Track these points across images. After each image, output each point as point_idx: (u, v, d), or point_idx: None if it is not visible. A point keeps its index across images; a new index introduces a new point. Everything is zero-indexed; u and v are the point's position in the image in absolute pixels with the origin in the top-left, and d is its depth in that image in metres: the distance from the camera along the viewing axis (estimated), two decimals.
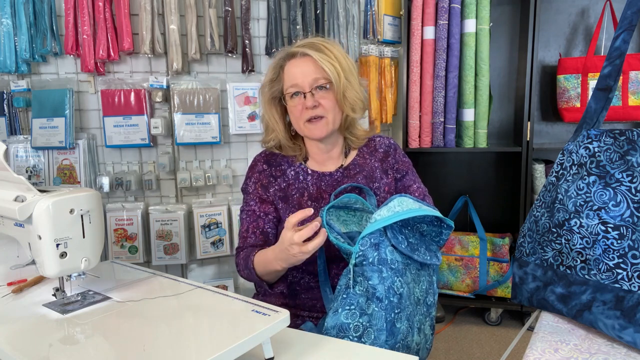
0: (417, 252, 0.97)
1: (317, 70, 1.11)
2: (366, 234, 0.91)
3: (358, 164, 1.21)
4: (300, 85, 1.12)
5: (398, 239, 0.94)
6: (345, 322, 0.90)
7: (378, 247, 0.91)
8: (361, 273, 0.91)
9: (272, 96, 1.19)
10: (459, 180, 2.53)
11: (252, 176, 1.22)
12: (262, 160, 1.23)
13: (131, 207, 1.93)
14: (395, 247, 0.93)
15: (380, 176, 1.20)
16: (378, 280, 0.90)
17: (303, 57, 1.13)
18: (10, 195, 0.90)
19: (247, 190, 1.22)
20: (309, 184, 1.18)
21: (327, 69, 1.09)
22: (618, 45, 0.83)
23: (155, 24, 1.87)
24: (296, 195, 1.17)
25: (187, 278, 1.71)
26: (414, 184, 1.22)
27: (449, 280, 2.30)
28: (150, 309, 0.86)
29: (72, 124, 1.84)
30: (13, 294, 0.98)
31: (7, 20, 1.78)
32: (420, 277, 1.00)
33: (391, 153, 1.23)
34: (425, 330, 1.02)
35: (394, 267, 0.92)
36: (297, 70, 1.12)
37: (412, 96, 2.16)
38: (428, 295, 1.02)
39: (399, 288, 0.92)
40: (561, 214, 0.85)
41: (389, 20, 2.20)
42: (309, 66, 1.12)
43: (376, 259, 0.91)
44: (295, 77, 1.12)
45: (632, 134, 0.79)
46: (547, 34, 2.34)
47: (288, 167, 1.20)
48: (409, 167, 1.24)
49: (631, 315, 0.75)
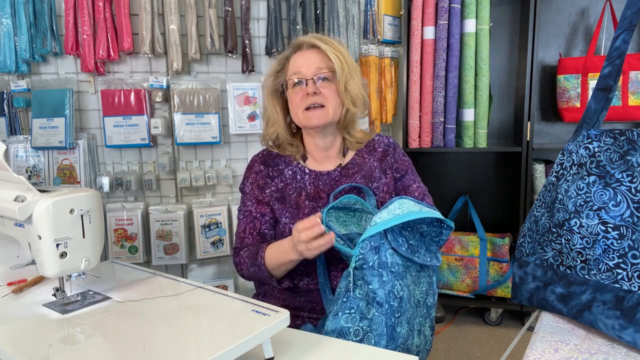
0: (417, 254, 0.97)
1: (321, 61, 1.14)
2: (366, 237, 0.91)
3: (356, 163, 1.20)
4: (303, 73, 1.14)
5: (398, 241, 0.93)
6: (345, 326, 0.90)
7: (378, 251, 0.91)
8: (361, 277, 0.91)
9: (275, 88, 1.21)
10: (459, 180, 2.53)
11: (250, 177, 1.22)
12: (259, 161, 1.23)
13: (131, 207, 1.93)
14: (395, 250, 0.92)
15: (379, 176, 1.19)
16: (378, 284, 0.90)
17: (309, 48, 1.16)
18: (10, 195, 0.90)
19: (244, 191, 1.22)
20: (306, 184, 1.18)
21: (332, 58, 1.12)
22: (618, 45, 0.83)
23: (155, 24, 1.87)
24: (294, 195, 1.17)
25: (187, 278, 1.71)
26: (414, 184, 1.21)
27: (449, 280, 2.30)
28: (150, 309, 0.86)
29: (72, 124, 1.84)
30: (13, 294, 0.98)
31: (7, 20, 1.78)
32: (420, 278, 0.99)
33: (390, 152, 1.23)
34: (425, 331, 1.02)
35: (394, 271, 0.91)
36: (302, 60, 1.15)
37: (412, 96, 2.16)
38: (428, 296, 1.02)
39: (399, 291, 0.92)
40: (561, 214, 0.85)
41: (389, 20, 2.20)
42: (314, 57, 1.15)
43: (376, 262, 0.90)
44: (299, 66, 1.15)
45: (632, 134, 0.79)
46: (547, 34, 2.34)
47: (285, 167, 1.20)
48: (408, 167, 1.23)
49: (631, 315, 0.75)
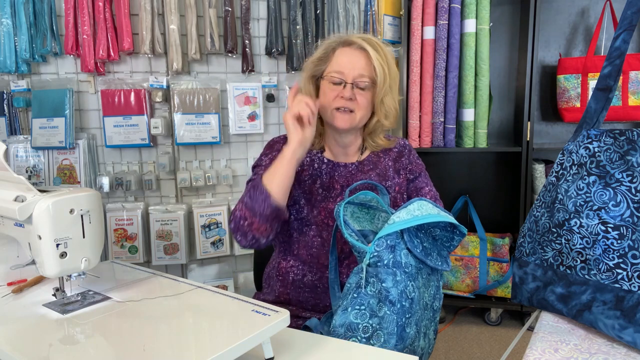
0: (430, 256, 0.96)
1: (366, 67, 1.11)
2: (383, 235, 0.91)
3: (372, 160, 1.21)
4: (345, 75, 1.11)
5: (414, 242, 0.93)
6: (354, 322, 0.90)
7: (394, 250, 0.90)
8: (375, 274, 0.90)
9: (313, 74, 1.18)
10: (459, 180, 2.53)
11: (270, 154, 1.20)
12: (282, 142, 1.21)
13: (131, 207, 1.93)
14: (410, 250, 0.92)
15: (393, 175, 1.20)
16: (392, 283, 0.89)
17: (357, 49, 1.13)
18: (10, 195, 0.90)
19: (259, 164, 1.19)
20: (322, 172, 1.18)
21: (377, 68, 1.10)
22: (618, 45, 0.83)
23: (155, 24, 1.87)
24: (308, 182, 1.17)
25: (187, 278, 1.71)
26: (426, 187, 1.22)
27: (449, 280, 2.30)
28: (150, 309, 0.86)
29: (72, 124, 1.84)
30: (13, 294, 0.98)
31: (7, 20, 1.78)
32: (430, 282, 0.99)
33: (405, 154, 1.24)
34: (430, 335, 1.02)
35: (408, 271, 0.91)
36: (347, 60, 1.12)
37: (412, 96, 2.16)
38: (435, 300, 1.02)
39: (411, 292, 0.91)
40: (561, 214, 0.85)
41: (389, 20, 2.20)
42: (360, 60, 1.12)
43: (391, 261, 0.90)
44: (343, 65, 1.12)
45: (632, 134, 0.79)
46: (547, 34, 2.34)
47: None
48: (422, 170, 1.24)
49: (631, 315, 0.75)
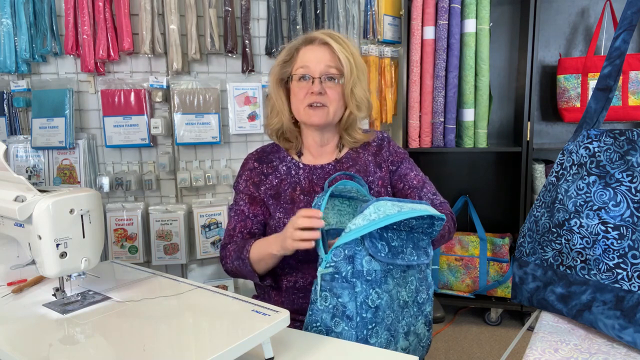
0: (401, 254, 0.93)
1: (331, 60, 1.12)
2: (340, 245, 0.87)
3: (351, 157, 1.21)
4: (311, 70, 1.12)
5: (377, 247, 0.89)
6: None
7: (353, 260, 0.87)
8: (329, 289, 0.87)
9: (281, 77, 1.19)
10: (459, 180, 2.53)
11: (244, 174, 1.22)
12: (253, 158, 1.23)
13: (131, 207, 1.93)
14: (373, 256, 0.89)
15: (374, 170, 1.19)
16: (349, 297, 0.87)
17: (321, 45, 1.14)
18: (10, 195, 0.90)
19: (238, 189, 1.22)
20: (301, 178, 1.18)
21: (343, 60, 1.10)
22: (618, 45, 0.83)
23: (155, 24, 1.87)
24: (289, 190, 1.17)
25: (187, 278, 1.71)
26: (411, 172, 1.21)
27: (449, 280, 2.30)
28: (150, 309, 0.86)
29: (72, 124, 1.84)
30: (13, 294, 0.98)
31: (7, 20, 1.78)
32: (407, 278, 0.96)
33: (384, 146, 1.23)
34: (418, 329, 0.99)
35: (371, 278, 0.88)
36: (311, 56, 1.13)
37: (412, 96, 2.16)
38: (419, 293, 0.99)
39: (374, 300, 0.88)
40: (561, 214, 0.85)
41: (389, 20, 2.20)
42: (324, 54, 1.13)
43: (349, 272, 0.87)
44: (308, 61, 1.13)
45: (632, 134, 0.79)
46: (547, 34, 2.34)
47: (280, 163, 1.20)
48: (404, 157, 1.23)
49: (631, 315, 0.75)
